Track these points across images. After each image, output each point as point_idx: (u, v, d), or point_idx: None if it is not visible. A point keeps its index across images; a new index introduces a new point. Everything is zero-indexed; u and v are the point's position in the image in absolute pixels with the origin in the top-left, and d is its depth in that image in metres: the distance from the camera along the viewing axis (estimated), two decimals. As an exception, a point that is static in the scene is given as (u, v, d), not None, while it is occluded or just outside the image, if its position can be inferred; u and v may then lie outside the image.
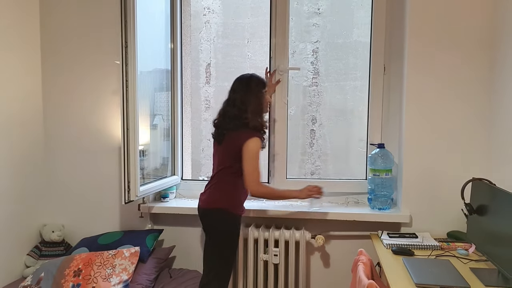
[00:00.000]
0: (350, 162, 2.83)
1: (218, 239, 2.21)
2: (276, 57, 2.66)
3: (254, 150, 2.14)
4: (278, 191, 2.34)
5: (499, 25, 2.22)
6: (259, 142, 2.16)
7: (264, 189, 2.22)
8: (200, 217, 2.28)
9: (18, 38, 2.68)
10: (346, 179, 2.74)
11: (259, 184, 2.17)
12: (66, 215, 2.90)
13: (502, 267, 1.71)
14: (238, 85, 2.25)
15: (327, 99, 2.80)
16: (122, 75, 2.30)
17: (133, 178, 2.36)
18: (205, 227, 2.26)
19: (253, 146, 2.13)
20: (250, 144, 2.13)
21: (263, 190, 2.21)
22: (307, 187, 2.28)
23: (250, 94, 2.20)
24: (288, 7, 2.61)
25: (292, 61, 2.78)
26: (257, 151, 2.15)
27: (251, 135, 2.15)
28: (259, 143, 2.16)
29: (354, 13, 2.72)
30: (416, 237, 2.25)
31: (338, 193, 2.70)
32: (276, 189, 2.38)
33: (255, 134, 2.17)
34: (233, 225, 2.23)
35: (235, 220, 2.24)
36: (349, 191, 2.70)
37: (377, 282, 1.70)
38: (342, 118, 2.80)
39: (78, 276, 2.35)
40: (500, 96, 2.20)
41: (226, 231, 2.21)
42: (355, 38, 2.72)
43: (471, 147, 2.34)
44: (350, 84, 2.74)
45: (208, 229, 2.25)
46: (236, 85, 2.26)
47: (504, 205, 1.71)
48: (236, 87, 2.25)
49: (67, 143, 2.87)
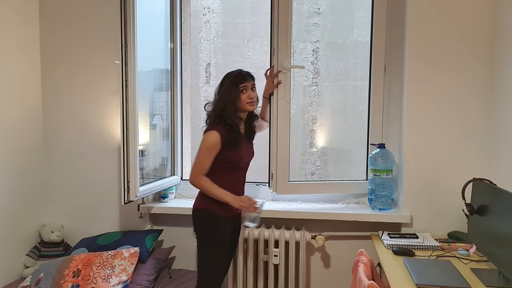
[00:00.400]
0: (350, 162, 2.82)
1: (200, 239, 2.21)
2: (278, 54, 2.51)
3: (205, 143, 2.12)
4: (212, 190, 2.15)
5: (500, 24, 2.21)
6: (214, 135, 2.11)
7: (199, 183, 2.14)
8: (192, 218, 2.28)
9: (18, 37, 2.67)
10: (347, 180, 2.71)
11: (196, 177, 2.13)
12: (66, 216, 2.89)
13: (503, 268, 1.70)
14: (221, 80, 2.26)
15: (327, 99, 2.80)
16: (121, 74, 2.29)
17: (133, 178, 2.35)
18: (193, 228, 2.26)
19: (206, 138, 2.12)
20: (204, 136, 2.14)
21: (198, 183, 2.15)
22: (242, 197, 2.18)
23: (222, 88, 2.20)
24: (291, 3, 2.52)
25: (292, 60, 2.77)
26: (208, 144, 2.11)
27: (209, 128, 2.16)
28: (214, 137, 2.11)
29: (354, 13, 2.71)
30: (417, 238, 2.24)
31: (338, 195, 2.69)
32: (212, 187, 2.15)
33: (214, 127, 2.14)
34: (213, 225, 2.18)
35: (217, 220, 2.18)
36: (349, 192, 2.68)
37: (377, 282, 1.70)
38: (342, 118, 2.79)
39: (77, 276, 2.34)
40: (501, 96, 2.19)
41: (206, 231, 2.19)
42: (355, 38, 2.72)
43: (472, 147, 2.33)
44: (350, 84, 2.73)
45: (195, 231, 2.24)
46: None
47: (505, 205, 1.71)
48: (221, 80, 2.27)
49: (66, 143, 2.86)
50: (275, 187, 2.57)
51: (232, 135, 2.16)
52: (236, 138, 2.18)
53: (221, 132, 2.13)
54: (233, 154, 2.17)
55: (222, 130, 2.14)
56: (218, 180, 2.16)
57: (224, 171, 2.19)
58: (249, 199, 2.16)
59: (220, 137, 2.12)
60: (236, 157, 2.19)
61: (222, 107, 2.16)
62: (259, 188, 2.78)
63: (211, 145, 2.12)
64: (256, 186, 2.78)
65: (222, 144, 2.13)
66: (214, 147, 2.12)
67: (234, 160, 2.20)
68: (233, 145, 2.16)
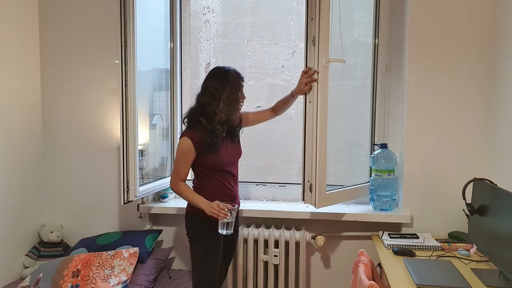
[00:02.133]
0: (351, 163, 2.81)
1: (190, 242, 2.19)
2: (319, 47, 2.12)
3: (178, 148, 2.10)
4: (188, 196, 2.13)
5: (500, 25, 2.21)
6: (186, 142, 2.07)
7: (177, 189, 2.15)
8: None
9: (17, 37, 2.66)
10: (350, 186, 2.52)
11: (174, 183, 2.14)
12: (65, 216, 2.88)
13: (503, 268, 1.70)
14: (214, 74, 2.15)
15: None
16: (121, 74, 2.29)
17: (132, 178, 2.35)
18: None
19: (179, 144, 2.10)
20: (179, 143, 2.12)
21: (177, 190, 2.15)
22: (212, 204, 2.04)
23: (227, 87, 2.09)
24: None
25: (292, 60, 2.77)
26: (180, 151, 2.09)
27: (182, 134, 2.13)
28: (186, 144, 2.07)
29: (355, 12, 2.70)
30: (417, 238, 2.24)
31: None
32: (187, 193, 2.13)
33: (187, 132, 2.11)
34: (203, 228, 2.13)
35: (206, 225, 2.10)
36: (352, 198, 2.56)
37: (378, 283, 1.69)
38: (342, 118, 2.79)
39: (76, 276, 2.34)
40: (500, 95, 2.19)
41: (195, 234, 2.17)
42: (356, 38, 2.71)
43: (472, 146, 2.33)
44: (351, 83, 2.72)
45: (186, 233, 2.22)
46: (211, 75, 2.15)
47: (506, 205, 1.70)
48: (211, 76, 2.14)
49: (66, 143, 2.85)
50: (314, 200, 2.20)
51: (210, 139, 2.08)
52: (214, 142, 2.09)
53: (193, 137, 2.08)
54: (211, 158, 2.11)
55: (196, 134, 2.08)
56: (204, 184, 2.14)
57: (208, 175, 2.15)
58: (218, 205, 2.02)
59: (193, 142, 2.07)
60: (215, 161, 2.11)
61: (222, 107, 2.07)
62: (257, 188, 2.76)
63: (184, 151, 2.09)
64: (256, 186, 2.77)
65: (197, 149, 2.08)
66: (186, 153, 2.09)
67: (213, 164, 2.12)
68: (211, 149, 2.09)
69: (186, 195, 2.13)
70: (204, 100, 2.10)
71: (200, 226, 2.15)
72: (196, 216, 2.14)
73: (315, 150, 2.18)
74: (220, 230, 2.05)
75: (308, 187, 2.22)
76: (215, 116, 2.08)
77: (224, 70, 2.15)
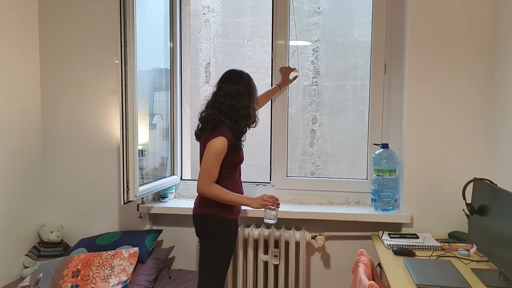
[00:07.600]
0: (350, 162, 2.82)
1: (209, 247, 2.14)
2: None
3: (214, 150, 2.04)
4: (228, 196, 2.10)
5: (500, 24, 2.21)
6: (223, 142, 2.04)
7: (212, 192, 2.06)
8: (193, 223, 2.21)
9: (17, 37, 2.66)
10: (345, 178, 2.71)
11: (208, 186, 2.06)
12: (65, 216, 2.88)
13: (503, 268, 1.70)
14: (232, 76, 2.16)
15: (327, 98, 2.79)
16: (121, 74, 2.28)
17: (132, 178, 2.34)
18: (197, 233, 2.19)
19: (215, 145, 2.03)
20: (213, 143, 2.04)
21: (212, 193, 2.07)
22: (262, 196, 2.13)
23: (249, 88, 2.16)
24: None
25: (292, 60, 2.77)
26: (217, 151, 2.04)
27: (218, 134, 2.06)
28: (223, 144, 2.04)
29: (355, 12, 2.71)
30: (417, 238, 2.24)
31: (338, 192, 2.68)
32: (226, 194, 2.09)
33: (221, 132, 2.06)
34: (225, 232, 2.14)
35: (227, 226, 2.15)
36: (347, 190, 2.66)
37: (377, 283, 1.69)
38: (342, 117, 2.79)
39: (76, 276, 2.34)
40: (500, 95, 2.19)
41: (217, 239, 2.14)
42: (356, 37, 2.71)
43: (472, 146, 2.33)
44: (351, 83, 2.73)
45: (200, 236, 2.17)
46: (227, 77, 2.16)
47: (506, 205, 1.70)
48: (227, 78, 2.15)
49: (66, 143, 2.85)
50: (274, 182, 2.71)
51: (238, 139, 2.14)
52: (240, 141, 2.15)
53: (228, 136, 2.07)
54: (236, 157, 2.15)
55: (228, 134, 2.08)
56: (221, 184, 2.12)
57: (225, 175, 2.13)
58: (270, 197, 2.14)
59: (228, 142, 2.07)
60: (237, 160, 2.17)
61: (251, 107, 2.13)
62: (258, 188, 2.77)
63: (220, 152, 2.05)
64: (256, 185, 2.77)
65: (228, 149, 2.08)
66: (222, 153, 2.06)
67: (237, 163, 2.18)
68: (238, 149, 2.14)
69: (225, 196, 2.09)
70: (243, 103, 2.11)
71: (217, 228, 2.14)
72: (212, 217, 2.12)
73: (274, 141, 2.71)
74: (267, 220, 2.16)
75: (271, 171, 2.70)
76: (249, 117, 2.14)
77: (244, 73, 2.21)
